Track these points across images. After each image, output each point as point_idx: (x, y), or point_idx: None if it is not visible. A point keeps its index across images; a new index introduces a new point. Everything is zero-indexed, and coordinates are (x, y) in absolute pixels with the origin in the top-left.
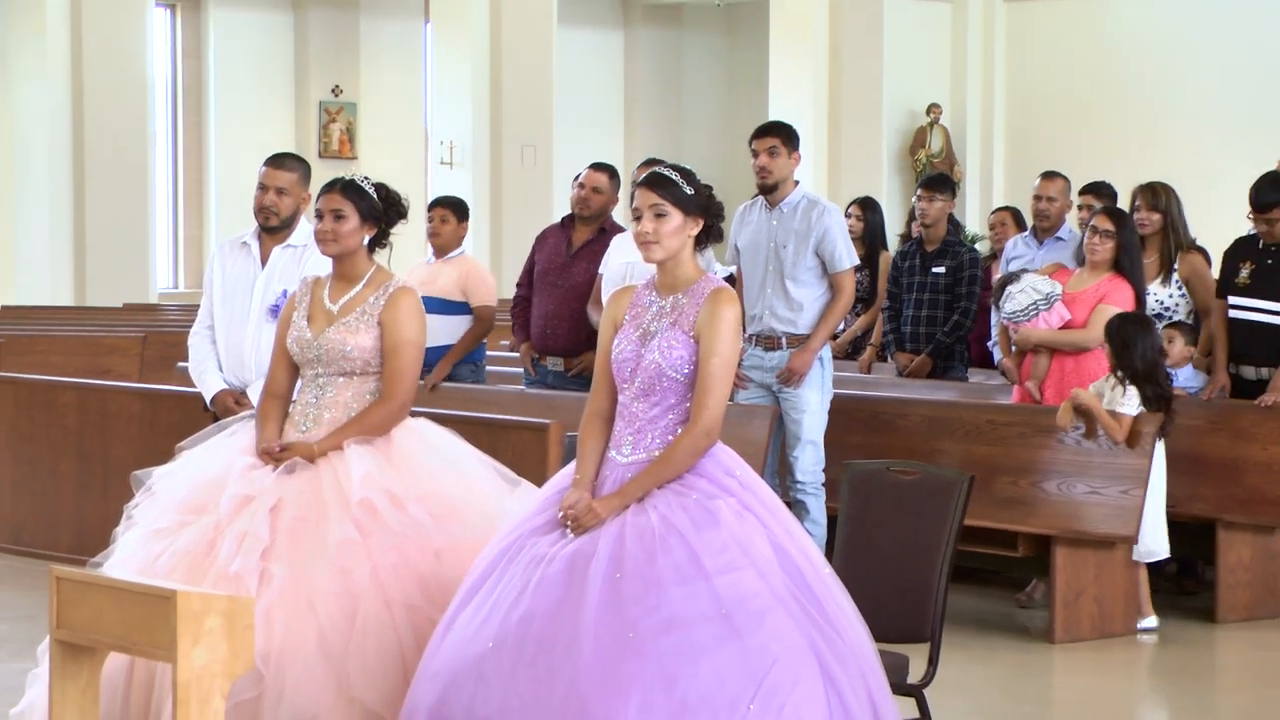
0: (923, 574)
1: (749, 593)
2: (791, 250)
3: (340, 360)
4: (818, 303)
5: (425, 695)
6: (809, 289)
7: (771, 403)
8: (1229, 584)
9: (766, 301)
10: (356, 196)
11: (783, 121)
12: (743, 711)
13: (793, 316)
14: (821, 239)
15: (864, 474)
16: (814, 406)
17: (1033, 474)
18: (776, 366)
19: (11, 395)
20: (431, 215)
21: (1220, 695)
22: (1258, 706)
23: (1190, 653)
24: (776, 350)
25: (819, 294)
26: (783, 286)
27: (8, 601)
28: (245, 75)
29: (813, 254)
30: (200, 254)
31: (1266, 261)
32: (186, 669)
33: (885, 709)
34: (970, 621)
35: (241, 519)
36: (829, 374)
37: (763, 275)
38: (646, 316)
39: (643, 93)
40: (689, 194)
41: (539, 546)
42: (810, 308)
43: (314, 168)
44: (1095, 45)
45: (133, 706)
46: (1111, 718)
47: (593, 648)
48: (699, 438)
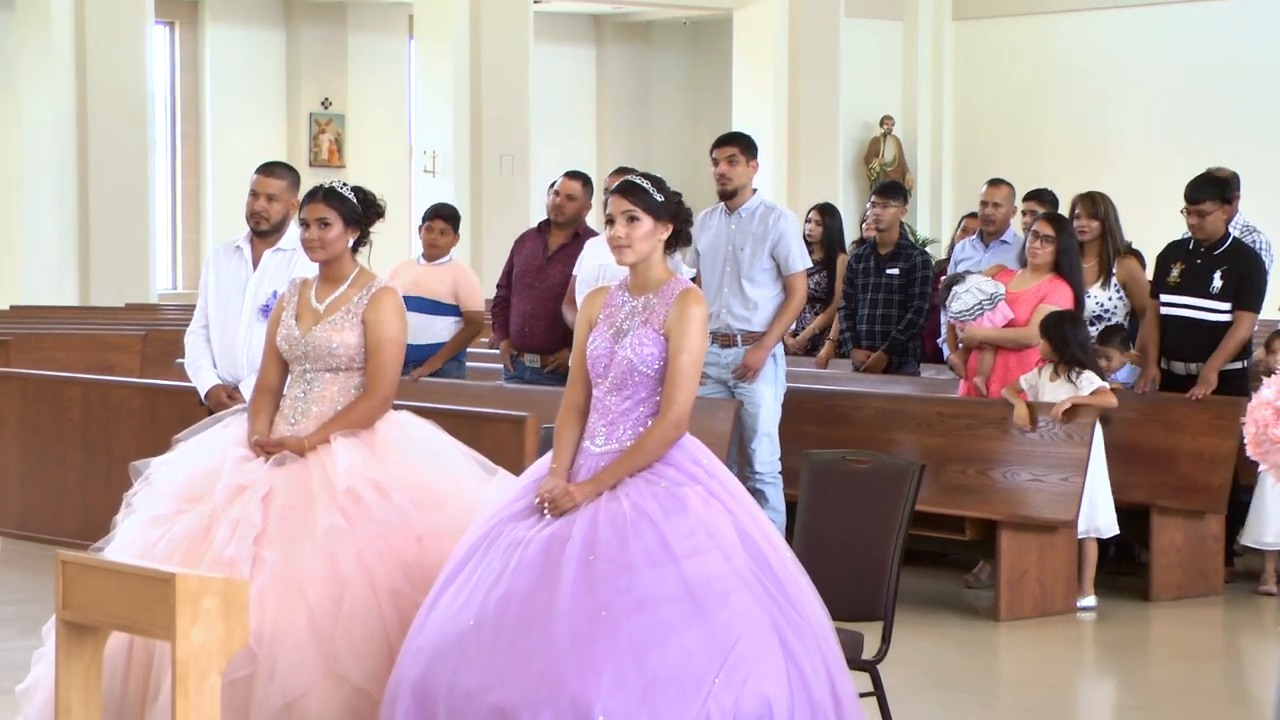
0: (876, 557)
1: (714, 575)
2: (748, 253)
3: (326, 357)
4: (772, 302)
5: (410, 670)
6: (764, 289)
7: (727, 398)
8: (1162, 565)
9: (724, 301)
10: (339, 203)
11: (741, 132)
12: (709, 686)
13: (748, 315)
14: (777, 243)
15: (821, 463)
16: (768, 401)
17: (980, 463)
18: (732, 363)
19: (19, 390)
20: (431, 226)
21: (1154, 668)
22: (1189, 678)
23: (1126, 629)
24: (732, 347)
25: (773, 294)
26: (739, 287)
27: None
28: (239, 88)
29: (768, 256)
30: (198, 256)
31: (1196, 262)
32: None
33: (842, 683)
34: (921, 601)
35: (235, 507)
36: (782, 370)
37: (720, 276)
38: (619, 315)
39: (613, 105)
40: (659, 201)
41: (517, 531)
42: (765, 307)
43: (304, 176)
44: (1038, 63)
45: (133, 683)
46: (1053, 690)
47: (567, 626)
48: (669, 429)
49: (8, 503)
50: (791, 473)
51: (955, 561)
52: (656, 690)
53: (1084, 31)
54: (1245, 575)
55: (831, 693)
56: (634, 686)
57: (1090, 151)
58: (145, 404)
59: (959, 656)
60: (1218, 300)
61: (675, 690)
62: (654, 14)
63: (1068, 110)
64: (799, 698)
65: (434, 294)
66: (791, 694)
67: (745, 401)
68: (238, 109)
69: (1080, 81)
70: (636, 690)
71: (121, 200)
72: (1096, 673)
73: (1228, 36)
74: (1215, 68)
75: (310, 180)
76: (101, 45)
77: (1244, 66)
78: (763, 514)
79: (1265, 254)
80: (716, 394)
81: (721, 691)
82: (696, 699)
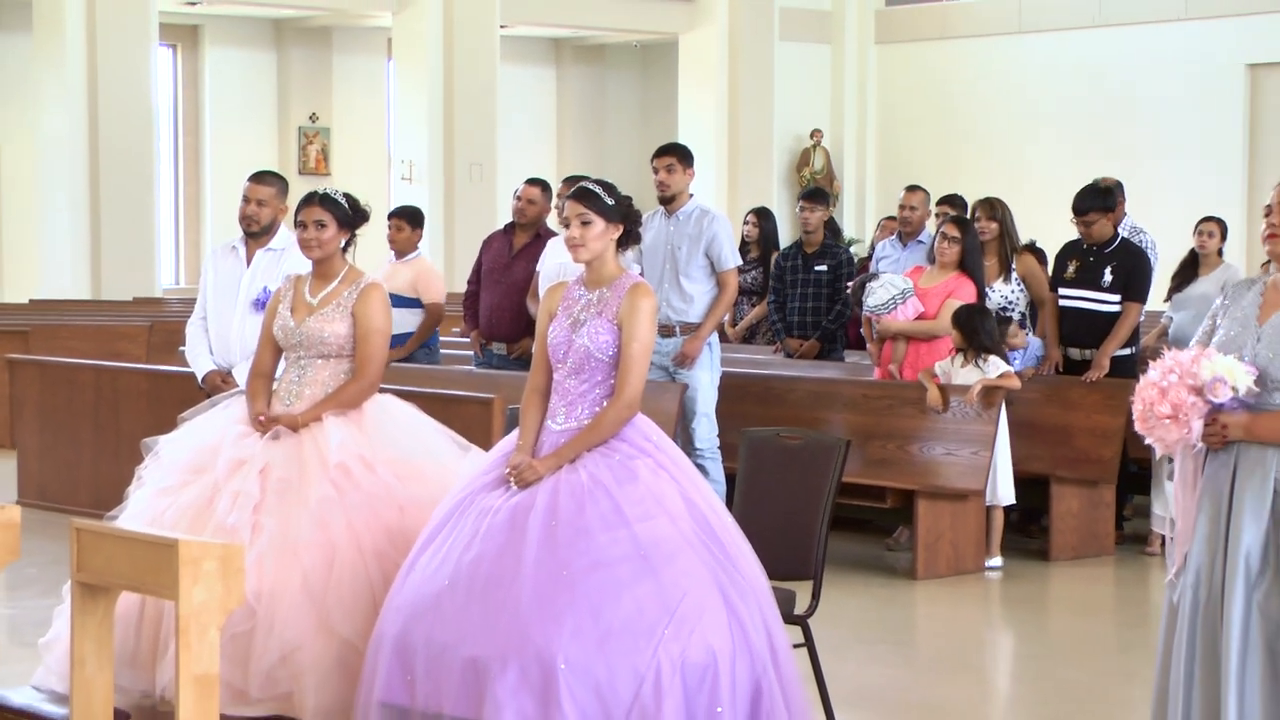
0: (807, 522)
1: (663, 537)
2: (685, 251)
3: (319, 345)
4: (706, 296)
5: (391, 625)
6: (699, 284)
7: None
8: (1060, 529)
9: (663, 295)
10: (333, 207)
11: (679, 143)
12: (659, 637)
13: (685, 308)
14: (710, 242)
15: (758, 440)
16: (705, 385)
17: (899, 439)
18: (672, 351)
19: (38, 375)
20: (389, 224)
21: (1053, 620)
22: (1083, 628)
23: (1029, 586)
24: (671, 337)
25: (708, 289)
26: (677, 282)
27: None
28: (235, 104)
29: (703, 255)
30: (198, 254)
31: (1089, 259)
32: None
33: (778, 635)
34: (847, 562)
35: (236, 479)
36: (717, 356)
37: (660, 272)
38: (576, 308)
39: (572, 119)
40: (610, 204)
41: (486, 500)
42: (700, 300)
43: (294, 183)
44: (950, 82)
45: (145, 638)
46: (964, 640)
47: (532, 584)
48: (622, 409)
49: (28, 476)
50: (731, 448)
51: (877, 527)
52: (612, 641)
53: (991, 55)
54: (1133, 538)
55: (769, 644)
56: (591, 637)
57: (996, 161)
58: (151, 387)
59: (881, 611)
60: (1108, 293)
61: (629, 640)
62: (608, 38)
63: (977, 124)
64: (740, 648)
65: (399, 289)
66: (733, 645)
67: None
68: (234, 122)
69: (988, 99)
70: (594, 641)
71: (129, 204)
72: (1002, 624)
73: (1114, 60)
74: (1104, 87)
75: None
76: (111, 66)
77: (1129, 86)
78: (706, 484)
79: (1151, 252)
80: (657, 379)
81: (670, 642)
82: (648, 648)
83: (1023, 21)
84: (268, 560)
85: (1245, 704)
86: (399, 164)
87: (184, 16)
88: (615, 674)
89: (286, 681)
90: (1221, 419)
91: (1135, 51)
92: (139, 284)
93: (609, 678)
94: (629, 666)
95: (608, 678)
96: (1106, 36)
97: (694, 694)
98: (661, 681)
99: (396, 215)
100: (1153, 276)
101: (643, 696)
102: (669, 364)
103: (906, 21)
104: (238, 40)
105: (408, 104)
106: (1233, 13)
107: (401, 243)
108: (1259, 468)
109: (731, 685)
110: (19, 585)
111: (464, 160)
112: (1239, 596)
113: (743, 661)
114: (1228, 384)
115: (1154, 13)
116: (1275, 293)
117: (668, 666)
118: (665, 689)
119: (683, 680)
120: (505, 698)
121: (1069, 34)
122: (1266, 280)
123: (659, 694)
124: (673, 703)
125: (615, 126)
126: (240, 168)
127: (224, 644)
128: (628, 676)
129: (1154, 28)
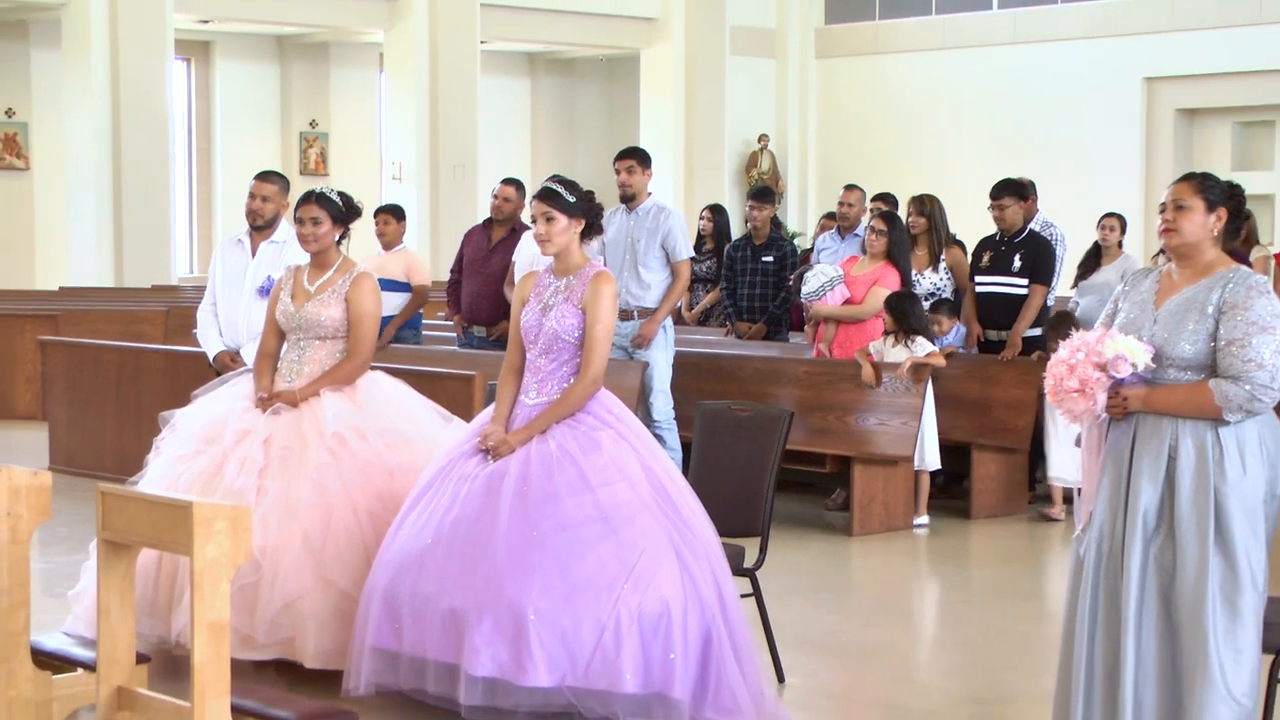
0: (755, 486)
1: (623, 501)
2: (643, 244)
3: (316, 327)
4: (662, 284)
5: (380, 578)
6: (655, 273)
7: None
8: (980, 491)
9: (623, 282)
10: (328, 205)
11: (638, 147)
12: (618, 590)
13: (642, 294)
14: (666, 236)
15: (711, 412)
16: (661, 363)
17: (837, 410)
18: (631, 333)
19: (66, 355)
20: (376, 220)
21: (974, 571)
22: (1000, 579)
23: (953, 541)
24: (630, 320)
25: (663, 278)
26: (636, 271)
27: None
28: (243, 111)
29: (659, 247)
30: (210, 246)
31: (1001, 249)
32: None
33: (727, 587)
34: (791, 521)
35: (242, 448)
36: (671, 338)
37: (621, 262)
38: (546, 294)
39: (544, 126)
40: (571, 202)
41: (466, 468)
42: (656, 288)
43: (295, 183)
44: (883, 93)
45: (162, 589)
46: (895, 589)
47: (505, 543)
48: (588, 385)
49: (58, 445)
50: (687, 419)
51: (818, 489)
52: (576, 594)
53: (919, 69)
54: (1044, 498)
55: (718, 595)
56: (559, 591)
57: (925, 162)
58: (168, 366)
59: (821, 564)
60: (1018, 277)
61: (591, 594)
62: (578, 53)
63: (907, 130)
64: (691, 599)
65: (391, 274)
66: (685, 596)
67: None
68: (241, 128)
69: (916, 107)
70: (561, 594)
71: (148, 201)
72: (929, 575)
73: (1028, 73)
74: (1019, 97)
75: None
76: (131, 78)
77: (1040, 97)
78: (663, 452)
79: (1059, 244)
80: (618, 358)
81: (629, 595)
82: (609, 601)
83: (946, 39)
84: (271, 520)
85: (1142, 642)
86: (390, 165)
87: (197, 33)
88: (580, 624)
89: (289, 628)
90: (1123, 392)
91: (1046, 66)
92: (156, 273)
93: (574, 627)
94: (592, 617)
95: (573, 627)
96: (1021, 52)
97: (650, 641)
98: (621, 630)
99: (384, 211)
100: (1060, 264)
101: (604, 644)
102: (628, 345)
103: (843, 38)
104: (245, 54)
105: (397, 112)
106: (1131, 32)
107: (390, 236)
108: (1155, 436)
109: (684, 633)
110: (50, 543)
111: (448, 162)
112: (1137, 549)
113: (694, 611)
114: (1128, 361)
115: (1062, 31)
116: (1169, 280)
117: (626, 617)
118: (624, 637)
119: (640, 629)
120: (481, 644)
121: (988, 50)
122: (1161, 269)
123: (618, 641)
124: (631, 649)
125: (583, 132)
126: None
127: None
128: (591, 626)
129: (1062, 44)
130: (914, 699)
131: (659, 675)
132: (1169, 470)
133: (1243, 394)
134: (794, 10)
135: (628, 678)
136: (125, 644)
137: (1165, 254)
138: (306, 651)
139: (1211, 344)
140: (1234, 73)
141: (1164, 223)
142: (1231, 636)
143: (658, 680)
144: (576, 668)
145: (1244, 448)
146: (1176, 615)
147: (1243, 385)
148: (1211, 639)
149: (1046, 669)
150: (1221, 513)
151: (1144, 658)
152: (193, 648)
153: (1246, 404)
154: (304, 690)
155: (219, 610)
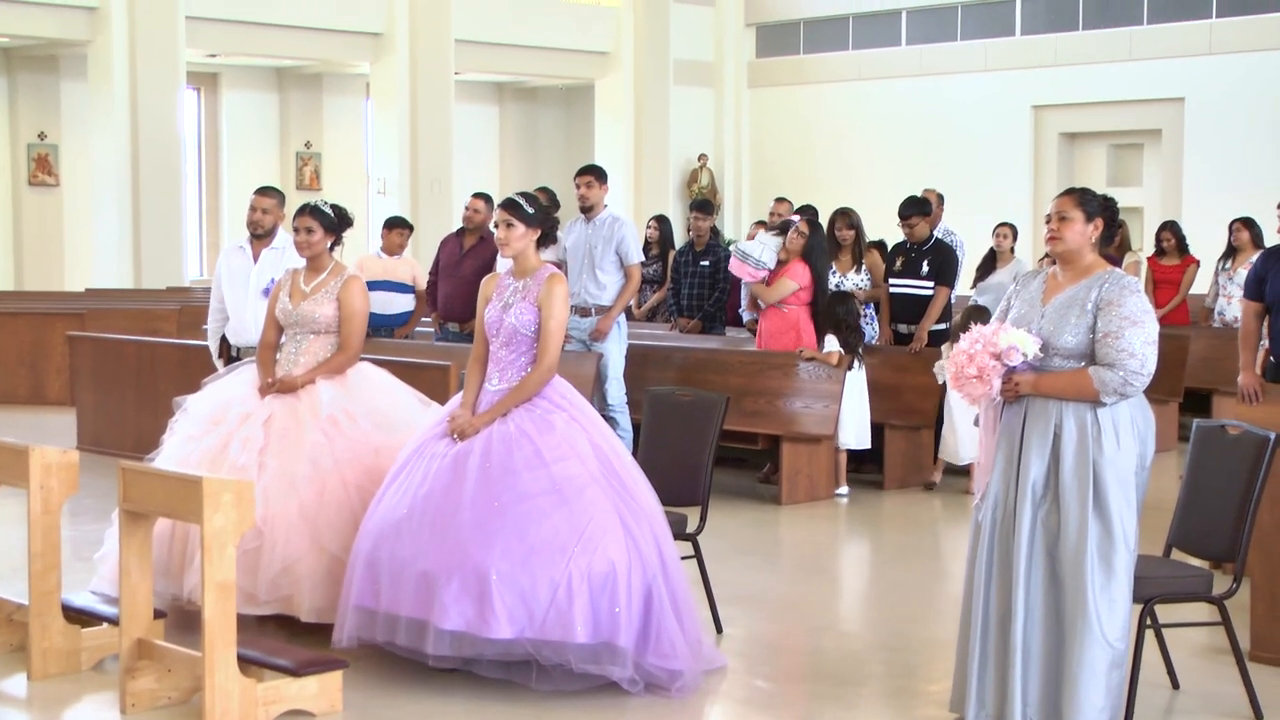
0: (697, 461)
1: (574, 475)
2: (600, 250)
3: (311, 323)
4: (616, 285)
5: (364, 545)
6: (610, 275)
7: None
8: (892, 464)
9: (582, 284)
10: (320, 216)
11: (595, 164)
12: (570, 552)
13: (599, 293)
14: (619, 243)
15: (658, 396)
16: (615, 355)
17: (767, 395)
18: (589, 328)
19: (91, 348)
20: (395, 231)
21: (887, 534)
22: (909, 540)
23: (868, 509)
24: (588, 316)
25: (617, 279)
26: (593, 274)
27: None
28: (246, 134)
29: (613, 252)
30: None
31: (911, 255)
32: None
33: (667, 549)
34: (728, 492)
35: (245, 428)
36: (624, 332)
37: (580, 266)
38: (506, 293)
39: (511, 146)
40: (530, 213)
41: (437, 447)
42: (611, 288)
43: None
44: (807, 118)
45: (175, 553)
46: (819, 550)
47: (470, 513)
48: (543, 373)
49: (85, 427)
50: (637, 403)
51: (751, 464)
52: (533, 557)
53: (839, 97)
54: (948, 470)
55: (659, 556)
56: (518, 554)
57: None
58: (180, 358)
59: (754, 529)
60: (925, 280)
61: (546, 556)
62: (540, 82)
63: (828, 149)
64: (634, 560)
65: (399, 278)
66: (629, 558)
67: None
68: (245, 148)
69: (836, 130)
70: (519, 557)
71: (163, 213)
72: (849, 538)
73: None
74: (925, 122)
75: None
76: (148, 105)
77: (944, 121)
78: (611, 432)
79: (960, 249)
80: (577, 350)
81: (579, 557)
82: (562, 562)
83: (862, 71)
84: (272, 492)
85: (1030, 594)
86: (375, 181)
87: (206, 66)
88: (536, 583)
89: (287, 587)
90: (1015, 378)
91: (948, 95)
92: (170, 275)
93: (531, 586)
94: (547, 577)
95: (530, 586)
96: (927, 83)
97: (598, 597)
98: (572, 588)
99: (400, 225)
100: (960, 268)
101: (558, 600)
102: (586, 338)
103: (772, 70)
104: (248, 84)
105: (382, 134)
106: (1021, 65)
107: (400, 244)
108: (1043, 416)
109: (628, 589)
110: (78, 513)
111: (426, 178)
112: (1027, 514)
113: (637, 571)
114: (1020, 351)
115: (962, 65)
116: (1054, 281)
117: (577, 576)
118: (575, 593)
119: (589, 586)
120: (450, 602)
121: (898, 80)
122: (1047, 272)
123: (570, 597)
124: (581, 604)
125: (545, 152)
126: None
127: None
128: (546, 585)
129: (962, 76)
130: (835, 646)
131: (606, 627)
132: (1054, 446)
133: (1117, 379)
134: (729, 46)
135: (579, 629)
136: (144, 601)
137: (1050, 258)
138: (302, 607)
139: (1091, 336)
140: (1109, 102)
141: (1049, 231)
142: (1107, 589)
143: (605, 631)
144: (534, 621)
145: (1118, 426)
146: (1060, 571)
147: (1117, 372)
148: (1090, 591)
149: (949, 619)
150: (1099, 482)
151: (1032, 607)
152: (203, 604)
153: (1120, 388)
154: (300, 641)
155: (226, 572)
